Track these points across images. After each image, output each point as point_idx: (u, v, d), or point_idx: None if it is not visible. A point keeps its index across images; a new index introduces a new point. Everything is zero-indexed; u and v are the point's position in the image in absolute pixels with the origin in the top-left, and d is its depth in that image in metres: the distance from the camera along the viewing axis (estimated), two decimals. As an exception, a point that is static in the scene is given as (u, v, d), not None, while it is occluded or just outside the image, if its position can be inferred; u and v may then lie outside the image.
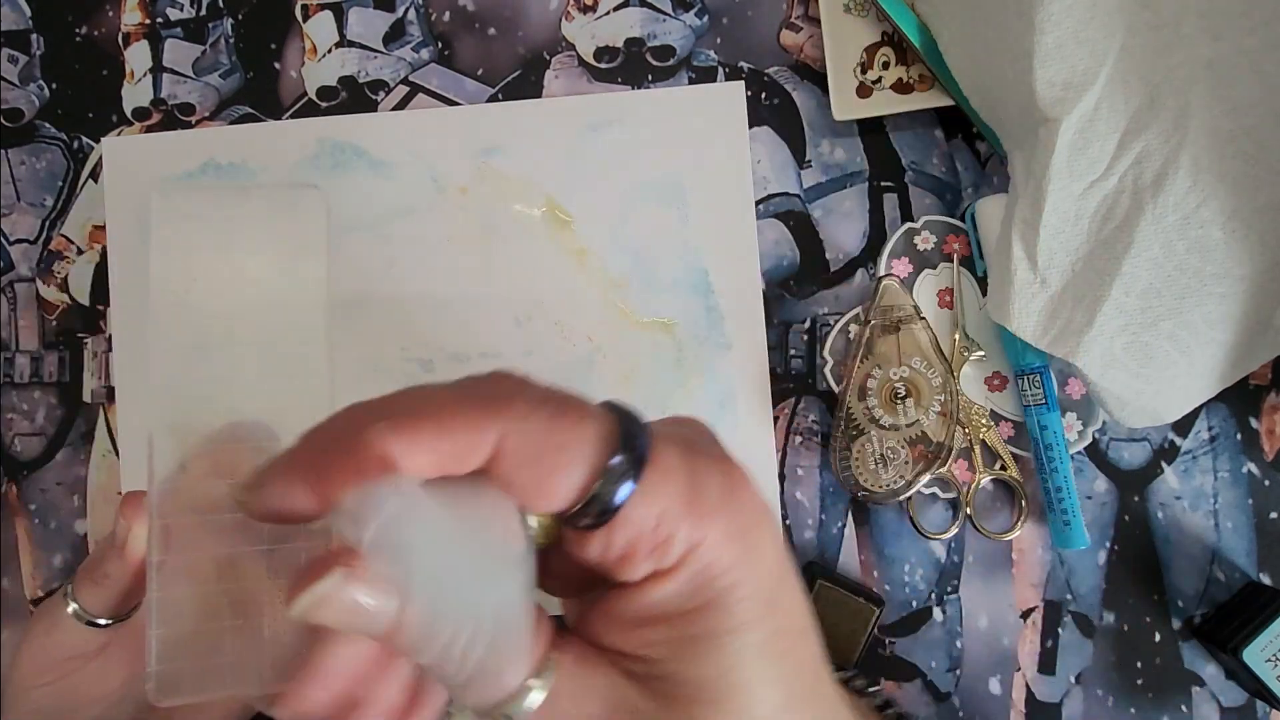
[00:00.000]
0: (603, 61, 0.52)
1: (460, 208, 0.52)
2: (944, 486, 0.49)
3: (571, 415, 0.22)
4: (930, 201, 0.51)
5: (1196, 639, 0.48)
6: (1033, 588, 0.49)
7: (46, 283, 0.53)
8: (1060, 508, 0.47)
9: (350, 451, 0.20)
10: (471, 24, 0.53)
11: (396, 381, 0.55)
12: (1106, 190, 0.41)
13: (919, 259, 0.50)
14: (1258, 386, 0.49)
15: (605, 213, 0.51)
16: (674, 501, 0.22)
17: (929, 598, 0.49)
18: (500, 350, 0.51)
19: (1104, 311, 0.41)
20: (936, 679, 0.49)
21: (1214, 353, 0.42)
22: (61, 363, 0.53)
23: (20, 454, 0.53)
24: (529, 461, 0.22)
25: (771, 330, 0.51)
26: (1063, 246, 0.42)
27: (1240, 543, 0.49)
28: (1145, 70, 0.40)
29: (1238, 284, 0.41)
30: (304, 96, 0.53)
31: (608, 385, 0.51)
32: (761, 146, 0.51)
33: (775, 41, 0.52)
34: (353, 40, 0.53)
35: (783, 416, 0.51)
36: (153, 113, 0.54)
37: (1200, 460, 0.49)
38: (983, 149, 0.51)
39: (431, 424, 0.21)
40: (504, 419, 0.21)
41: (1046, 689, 0.49)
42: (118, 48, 0.54)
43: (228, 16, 0.54)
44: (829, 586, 0.48)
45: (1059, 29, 0.40)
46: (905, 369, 0.48)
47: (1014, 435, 0.49)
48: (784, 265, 0.51)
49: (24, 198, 0.54)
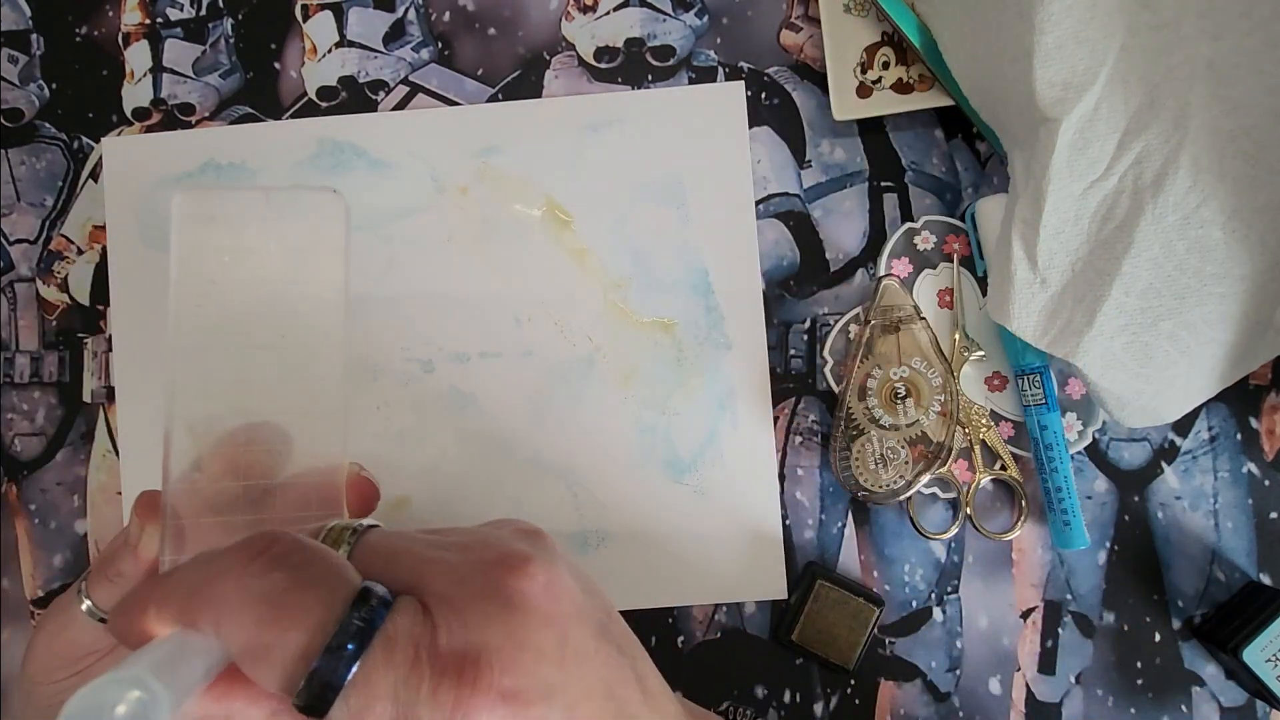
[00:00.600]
0: (603, 61, 0.52)
1: (460, 208, 0.52)
2: (944, 486, 0.49)
3: (281, 624, 0.23)
4: (930, 201, 0.51)
5: (1196, 639, 0.48)
6: (1033, 588, 0.49)
7: (46, 283, 0.53)
8: (1060, 508, 0.47)
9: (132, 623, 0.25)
10: (471, 24, 0.53)
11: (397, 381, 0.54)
12: (1106, 190, 0.41)
13: (919, 259, 0.50)
14: (1258, 386, 0.49)
15: (605, 213, 0.51)
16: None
17: (929, 598, 0.49)
18: (500, 350, 0.51)
19: (1104, 311, 0.41)
20: (936, 679, 0.49)
21: (1214, 353, 0.42)
22: (61, 363, 0.53)
23: (20, 454, 0.53)
24: (238, 656, 0.23)
25: (771, 330, 0.51)
26: (1063, 246, 0.42)
27: (1240, 543, 0.49)
28: (1145, 70, 0.40)
29: (1238, 284, 0.41)
30: (304, 96, 0.53)
31: (608, 385, 0.51)
32: (761, 146, 0.51)
33: (775, 41, 0.52)
34: (353, 40, 0.53)
35: (783, 416, 0.51)
36: (153, 113, 0.54)
37: (1200, 460, 0.49)
38: (983, 149, 0.51)
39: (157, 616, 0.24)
40: (211, 620, 0.23)
41: (1046, 689, 0.49)
42: (118, 48, 0.54)
43: (228, 16, 0.54)
44: (829, 586, 0.48)
45: (1059, 29, 0.40)
46: (905, 369, 0.48)
47: (1014, 435, 0.49)
48: (784, 265, 0.51)
49: (24, 198, 0.54)
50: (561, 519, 0.50)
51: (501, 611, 0.24)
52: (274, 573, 0.24)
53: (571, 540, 0.50)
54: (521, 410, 0.51)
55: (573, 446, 0.50)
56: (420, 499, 0.51)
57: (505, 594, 0.25)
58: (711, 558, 0.50)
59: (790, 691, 0.49)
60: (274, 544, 0.24)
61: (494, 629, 0.24)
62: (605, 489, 0.50)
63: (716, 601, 0.50)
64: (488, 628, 0.24)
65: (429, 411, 0.51)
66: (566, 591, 0.26)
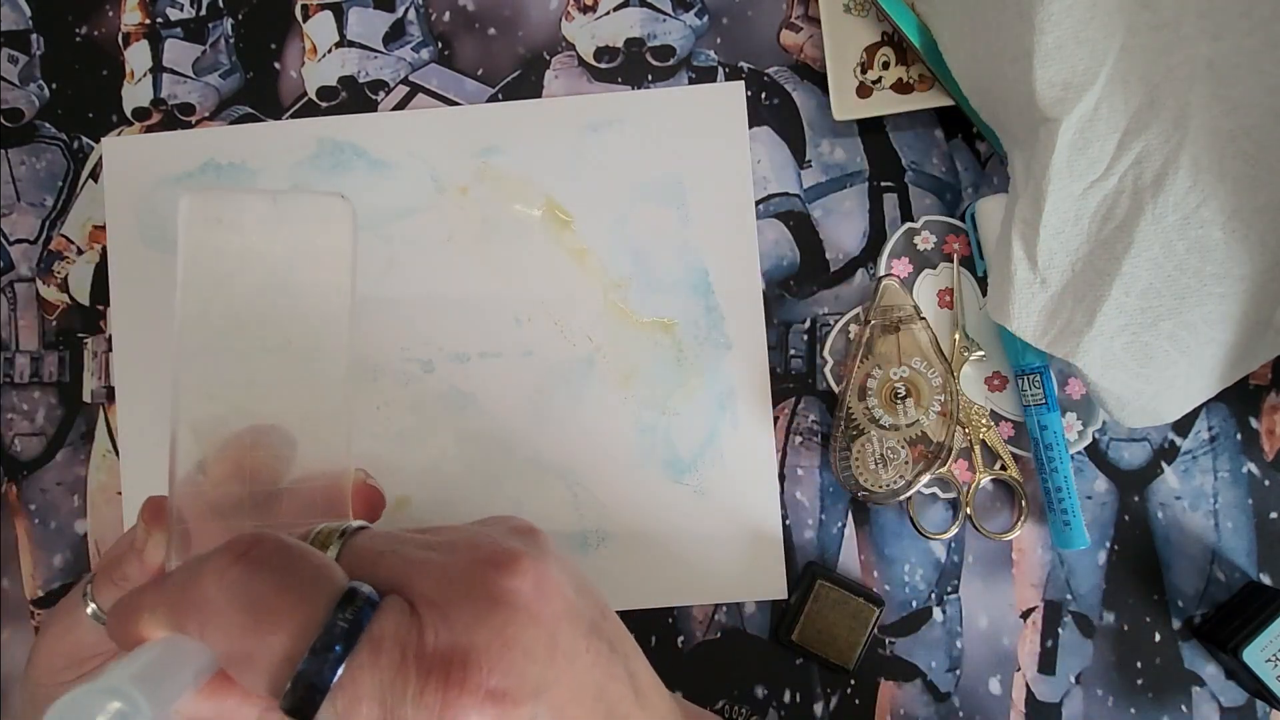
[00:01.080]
0: (603, 61, 0.52)
1: (460, 208, 0.52)
2: (944, 486, 0.49)
3: (263, 629, 0.23)
4: (930, 201, 0.51)
5: (1196, 639, 0.48)
6: (1033, 588, 0.49)
7: (46, 283, 0.53)
8: (1060, 508, 0.47)
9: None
10: (471, 24, 0.53)
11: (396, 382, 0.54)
12: (1106, 190, 0.41)
13: (919, 259, 0.50)
14: (1258, 386, 0.49)
15: (605, 213, 0.51)
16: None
17: (929, 598, 0.49)
18: (500, 350, 0.51)
19: (1104, 311, 0.41)
20: (936, 679, 0.49)
21: (1214, 353, 0.42)
22: (61, 363, 0.53)
23: (20, 454, 0.53)
24: (223, 661, 0.23)
25: (771, 330, 0.51)
26: (1063, 246, 0.42)
27: (1240, 543, 0.49)
28: (1145, 70, 0.40)
29: (1238, 284, 0.41)
30: (304, 96, 0.53)
31: (608, 385, 0.51)
32: (761, 146, 0.51)
33: (775, 41, 0.52)
34: (353, 40, 0.53)
35: (783, 416, 0.51)
36: (153, 113, 0.54)
37: (1200, 460, 0.49)
38: (983, 149, 0.51)
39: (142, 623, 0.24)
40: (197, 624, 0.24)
41: (1046, 689, 0.49)
42: (118, 48, 0.54)
43: (228, 16, 0.54)
44: (829, 587, 0.48)
45: (1059, 29, 0.40)
46: (905, 369, 0.48)
47: (1014, 435, 0.49)
48: (784, 265, 0.51)
49: (24, 198, 0.54)
50: (561, 519, 0.50)
51: (489, 610, 0.24)
52: (257, 575, 0.24)
53: (571, 540, 0.50)
54: (521, 410, 0.51)
55: (573, 446, 0.50)
56: (420, 499, 0.51)
57: (493, 592, 0.24)
58: (711, 558, 0.50)
59: (790, 691, 0.49)
60: (256, 545, 0.24)
61: (481, 628, 0.24)
62: (605, 489, 0.50)
63: (716, 601, 0.50)
64: (475, 627, 0.24)
65: (429, 411, 0.51)
66: (556, 590, 0.26)
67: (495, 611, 0.24)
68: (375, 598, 0.24)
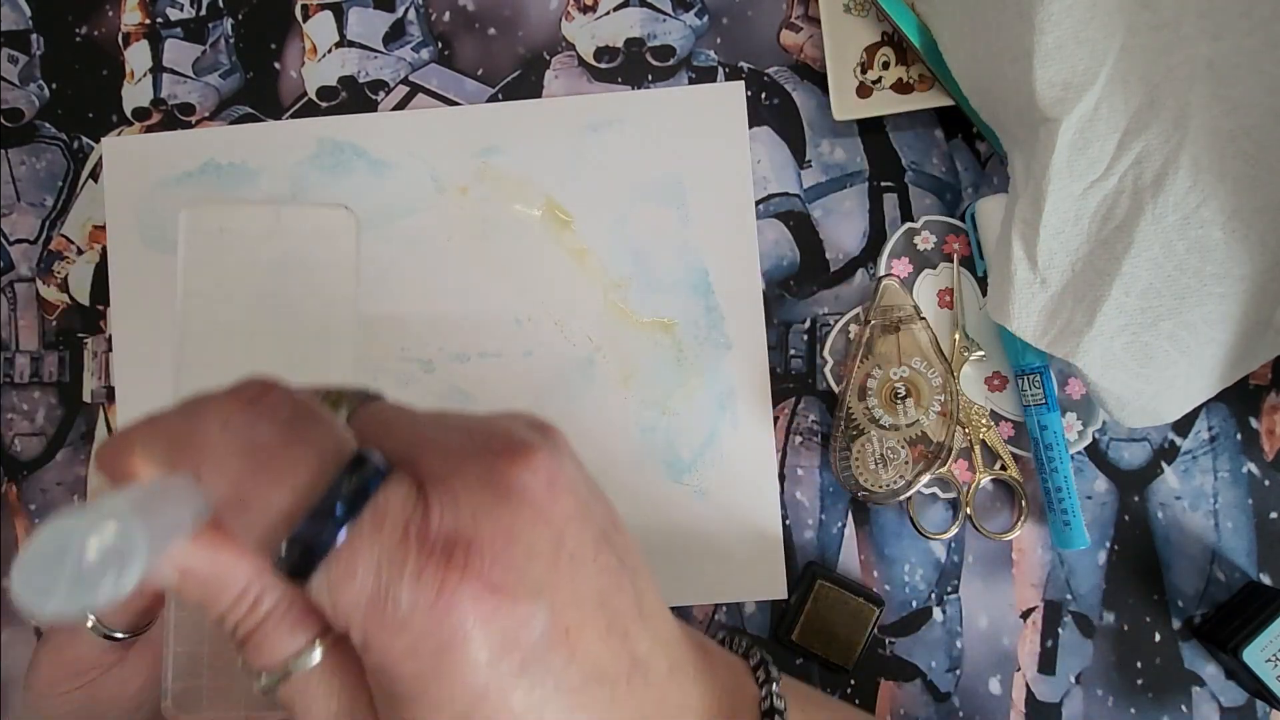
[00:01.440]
0: (603, 61, 0.52)
1: (460, 208, 0.52)
2: (944, 486, 0.49)
3: (265, 480, 0.22)
4: (930, 201, 0.51)
5: (1196, 639, 0.48)
6: (1033, 588, 0.49)
7: (46, 283, 0.53)
8: (1060, 508, 0.47)
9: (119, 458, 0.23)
10: (471, 24, 0.53)
11: (397, 382, 0.54)
12: (1106, 190, 0.41)
13: (919, 259, 0.50)
14: (1258, 386, 0.49)
15: (605, 213, 0.51)
16: (352, 598, 0.21)
17: (929, 598, 0.49)
18: (500, 350, 0.51)
19: (1104, 311, 0.41)
20: (936, 679, 0.49)
21: (1214, 353, 0.42)
22: (61, 363, 0.53)
23: (20, 454, 0.53)
24: (217, 508, 0.22)
25: (771, 330, 0.51)
26: (1063, 246, 0.42)
27: (1240, 543, 0.49)
28: (1145, 70, 0.40)
29: (1238, 284, 0.41)
30: (304, 96, 0.53)
31: (608, 385, 0.51)
32: (761, 146, 0.51)
33: (775, 41, 0.52)
34: (353, 40, 0.53)
35: (783, 416, 0.51)
36: (153, 113, 0.54)
37: (1200, 460, 0.49)
38: (983, 149, 0.51)
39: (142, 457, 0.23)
40: (193, 465, 0.22)
41: (1046, 689, 0.49)
42: (118, 48, 0.54)
43: (228, 16, 0.54)
44: (829, 586, 0.48)
45: (1059, 29, 0.40)
46: (905, 369, 0.48)
47: (1014, 435, 0.49)
48: (784, 265, 0.51)
49: (24, 198, 0.54)
50: (561, 519, 0.50)
51: (497, 501, 0.23)
52: (263, 423, 0.22)
53: (571, 540, 0.50)
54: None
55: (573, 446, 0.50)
56: (420, 499, 0.51)
57: (504, 483, 0.23)
58: (711, 558, 0.50)
59: (790, 691, 0.49)
60: (266, 393, 0.23)
61: (487, 518, 0.22)
62: (605, 489, 0.50)
63: (716, 601, 0.50)
64: (481, 516, 0.22)
65: (429, 411, 0.51)
66: (569, 489, 0.24)
67: (504, 503, 0.23)
68: (384, 468, 0.22)
